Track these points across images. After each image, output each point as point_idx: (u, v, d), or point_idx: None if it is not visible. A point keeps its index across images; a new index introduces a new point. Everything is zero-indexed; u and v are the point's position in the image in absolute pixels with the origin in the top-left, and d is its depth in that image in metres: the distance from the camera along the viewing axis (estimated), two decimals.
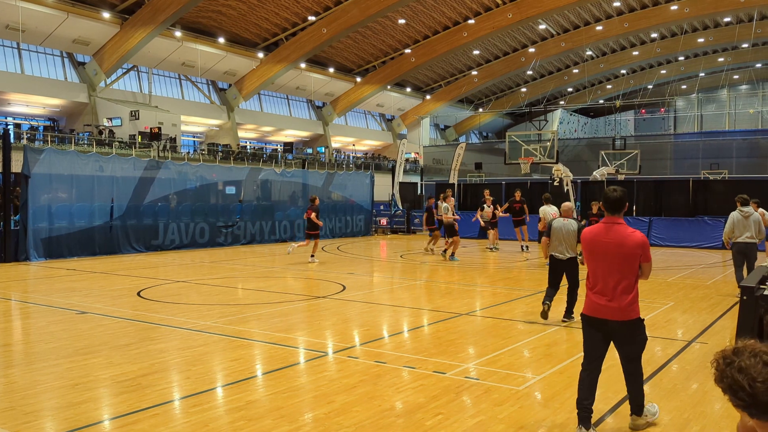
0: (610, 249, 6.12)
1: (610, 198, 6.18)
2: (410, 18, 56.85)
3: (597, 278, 6.23)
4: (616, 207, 6.18)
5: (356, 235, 33.74)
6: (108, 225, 23.21)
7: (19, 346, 9.80)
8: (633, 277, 6.15)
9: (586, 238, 6.33)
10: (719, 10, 55.21)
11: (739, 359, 2.48)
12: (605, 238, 6.15)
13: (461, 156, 39.93)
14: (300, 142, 69.54)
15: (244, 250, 25.46)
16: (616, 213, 6.19)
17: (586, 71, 73.42)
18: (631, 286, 6.16)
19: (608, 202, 6.20)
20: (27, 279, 17.50)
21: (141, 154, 41.15)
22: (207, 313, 12.01)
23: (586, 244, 6.31)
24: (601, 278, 6.20)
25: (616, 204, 6.18)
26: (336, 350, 9.29)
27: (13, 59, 45.93)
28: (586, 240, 6.33)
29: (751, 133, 60.26)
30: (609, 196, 6.19)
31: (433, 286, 16.69)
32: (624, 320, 6.13)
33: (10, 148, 21.17)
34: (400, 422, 6.32)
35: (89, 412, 6.60)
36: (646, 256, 6.15)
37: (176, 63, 53.92)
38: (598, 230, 6.26)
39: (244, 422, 6.25)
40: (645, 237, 6.20)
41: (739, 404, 2.45)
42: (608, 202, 6.20)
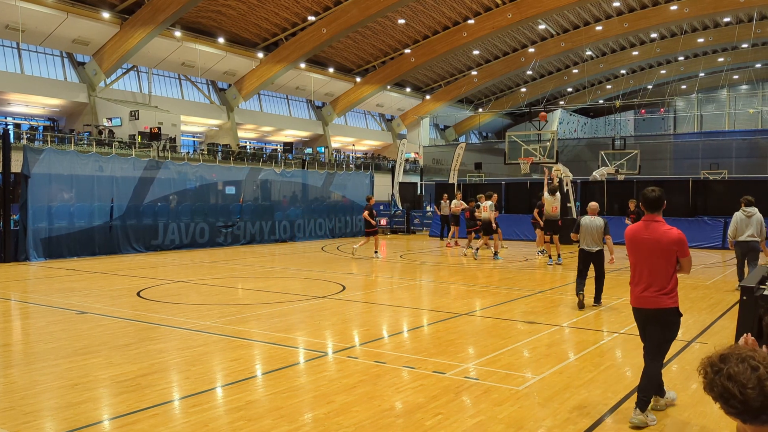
0: (648, 245, 6.59)
1: (649, 197, 6.67)
2: (410, 18, 56.84)
3: (638, 272, 6.71)
4: (655, 205, 6.67)
5: (356, 235, 33.72)
6: (108, 225, 23.22)
7: (19, 346, 9.80)
8: (670, 271, 6.54)
9: (628, 235, 6.80)
10: (719, 10, 55.21)
11: (727, 366, 2.45)
12: (644, 234, 6.63)
13: (461, 156, 39.92)
14: (300, 142, 69.53)
15: (244, 250, 25.47)
16: (655, 211, 6.68)
17: (586, 71, 73.39)
18: (669, 278, 6.54)
19: (647, 201, 6.69)
20: (27, 279, 17.50)
21: (141, 154, 41.16)
22: (207, 313, 12.01)
23: (628, 240, 6.78)
24: (641, 272, 6.66)
25: (654, 203, 6.67)
26: (336, 350, 9.29)
27: (12, 59, 45.93)
28: (628, 237, 6.80)
29: (751, 133, 60.25)
30: (648, 195, 6.67)
31: (432, 286, 16.69)
32: (661, 308, 6.55)
33: (9, 148, 21.17)
34: (400, 422, 6.32)
35: (89, 412, 6.60)
36: (684, 251, 6.54)
37: (176, 63, 53.91)
38: (638, 228, 6.75)
39: (244, 422, 6.25)
40: (682, 234, 6.61)
41: (732, 411, 2.43)
42: (647, 201, 6.69)
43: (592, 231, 12.75)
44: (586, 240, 12.82)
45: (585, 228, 12.83)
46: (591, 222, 12.83)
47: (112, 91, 50.81)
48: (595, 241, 12.75)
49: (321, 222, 32.21)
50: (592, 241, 12.77)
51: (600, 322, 11.69)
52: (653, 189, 6.68)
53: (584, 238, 12.83)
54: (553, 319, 11.63)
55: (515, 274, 18.65)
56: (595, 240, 12.74)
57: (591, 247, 12.78)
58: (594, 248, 12.76)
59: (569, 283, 16.87)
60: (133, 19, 45.80)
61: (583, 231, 12.84)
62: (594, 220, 12.85)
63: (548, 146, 32.48)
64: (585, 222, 12.88)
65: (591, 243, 12.78)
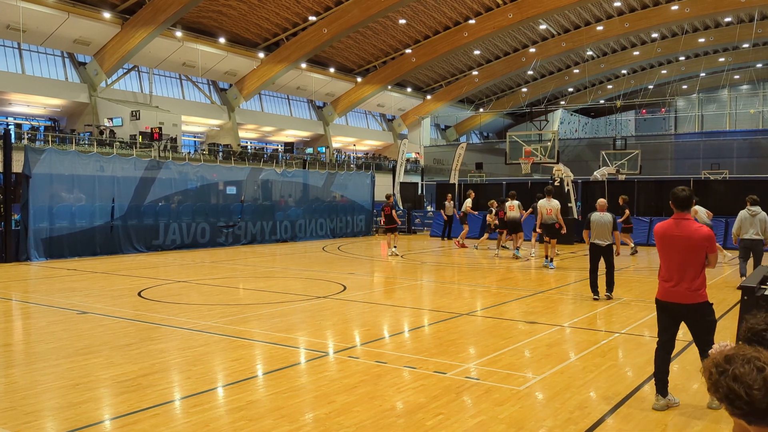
0: (679, 242, 6.87)
1: (679, 197, 6.91)
2: (411, 18, 56.84)
3: (667, 268, 6.99)
4: (685, 204, 6.94)
5: (357, 235, 33.74)
6: (109, 225, 23.22)
7: (20, 346, 9.80)
8: (699, 266, 6.88)
9: (659, 232, 7.06)
10: (720, 10, 55.19)
11: (732, 367, 2.43)
12: (675, 232, 6.90)
13: (462, 156, 39.92)
14: (301, 142, 69.53)
15: (245, 251, 25.47)
16: (685, 210, 6.96)
17: (587, 71, 73.39)
18: (698, 273, 6.88)
19: (677, 200, 6.94)
20: (28, 279, 17.51)
21: (142, 154, 41.16)
22: (208, 313, 12.01)
23: (659, 237, 7.06)
24: (670, 267, 6.95)
25: (684, 202, 6.93)
26: (337, 350, 9.29)
27: (14, 59, 45.95)
28: (658, 234, 7.06)
29: (752, 133, 60.29)
30: (678, 195, 6.92)
31: (433, 286, 16.69)
32: (692, 303, 6.86)
33: (11, 148, 21.17)
34: (401, 422, 6.32)
35: (90, 412, 6.60)
36: (712, 248, 6.91)
37: (177, 63, 53.92)
38: (668, 225, 7.00)
39: (245, 422, 6.25)
40: (711, 231, 7.00)
41: (737, 413, 2.41)
42: (677, 200, 6.94)
43: (602, 226, 13.63)
44: (596, 235, 13.70)
45: (596, 223, 13.73)
46: (601, 218, 13.70)
47: (113, 91, 50.83)
48: (605, 236, 13.64)
49: (322, 222, 32.20)
50: (603, 236, 13.66)
51: (600, 322, 11.70)
52: (683, 188, 6.93)
53: (595, 233, 13.72)
54: (553, 319, 11.63)
55: (516, 274, 18.65)
56: (605, 235, 13.64)
57: (602, 241, 13.67)
58: (604, 242, 13.67)
59: (570, 283, 16.88)
60: (134, 19, 45.82)
61: (593, 226, 13.74)
62: (603, 216, 13.72)
63: (549, 146, 32.49)
64: (595, 218, 13.76)
65: (601, 237, 13.67)
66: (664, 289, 7.00)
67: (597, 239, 13.75)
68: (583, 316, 11.99)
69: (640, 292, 14.95)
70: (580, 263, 21.21)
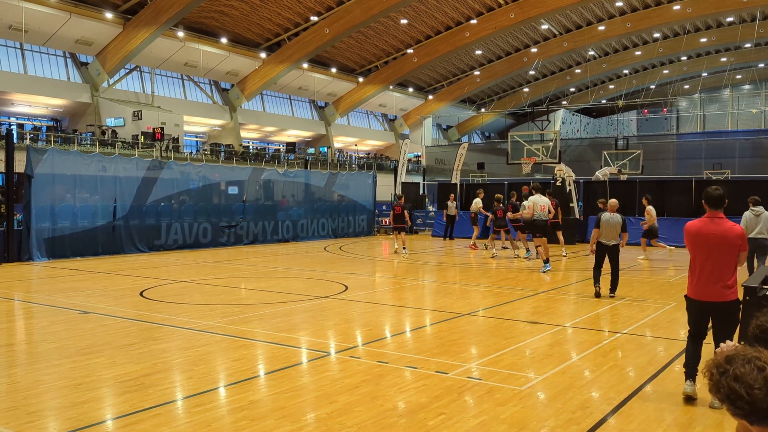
0: (713, 240, 6.92)
1: (713, 195, 6.98)
2: (412, 18, 56.88)
3: (701, 266, 7.01)
4: (718, 203, 6.99)
5: (359, 235, 33.74)
6: (111, 225, 23.22)
7: (22, 346, 9.81)
8: (733, 264, 6.96)
9: (691, 231, 7.09)
10: (722, 10, 55.20)
11: (733, 367, 2.44)
12: (709, 230, 6.96)
13: (463, 156, 39.93)
14: (302, 142, 69.59)
15: (247, 250, 25.47)
16: (718, 208, 7.01)
17: (589, 71, 73.41)
18: (732, 271, 6.96)
19: (711, 199, 6.99)
20: (30, 279, 17.53)
21: (144, 155, 41.20)
22: (209, 313, 12.02)
23: (692, 236, 7.08)
24: (705, 266, 6.99)
25: (718, 200, 6.98)
26: (338, 350, 9.29)
27: (16, 59, 46.03)
28: (691, 232, 7.09)
29: (754, 133, 60.19)
30: (712, 194, 6.98)
31: (435, 286, 16.69)
32: (725, 301, 6.94)
33: (13, 148, 21.18)
34: (403, 422, 6.32)
35: (92, 411, 6.60)
36: (744, 246, 7.01)
37: (179, 63, 54.00)
38: (701, 223, 7.05)
39: (247, 422, 6.25)
40: (743, 229, 7.19)
41: (738, 413, 2.42)
42: (711, 199, 6.99)
43: (611, 227, 13.97)
44: (605, 234, 14.01)
45: (605, 224, 14.01)
46: (611, 218, 13.99)
47: (115, 91, 50.91)
48: (612, 236, 13.98)
49: (324, 222, 32.19)
50: (610, 236, 13.98)
51: (602, 322, 11.69)
52: (716, 188, 7.00)
53: (604, 233, 14.03)
54: (555, 319, 11.63)
55: (517, 274, 18.64)
56: (613, 235, 13.98)
57: (609, 241, 13.98)
58: (611, 242, 13.97)
59: (571, 283, 16.88)
60: (135, 19, 45.89)
61: (603, 226, 14.01)
62: (613, 217, 13.99)
63: (551, 146, 32.48)
64: (605, 218, 14.01)
65: (609, 237, 13.98)
66: (697, 287, 7.06)
67: (604, 239, 14.03)
68: (584, 316, 11.98)
69: (641, 292, 14.95)
70: (581, 263, 21.21)
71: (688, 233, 7.13)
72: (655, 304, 13.23)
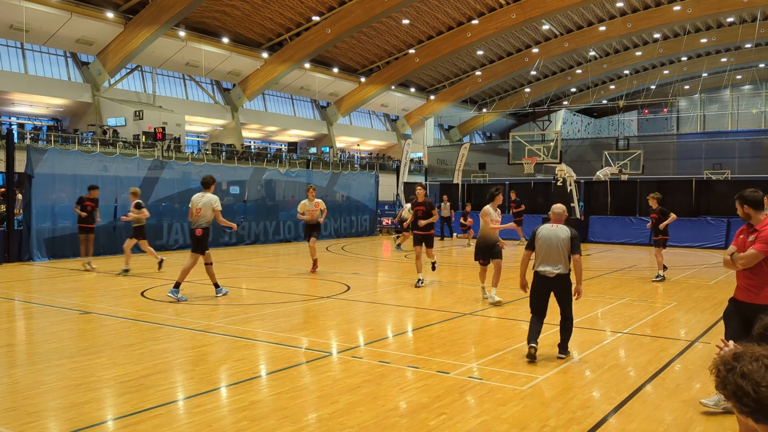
0: None
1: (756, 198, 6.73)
2: (414, 18, 56.89)
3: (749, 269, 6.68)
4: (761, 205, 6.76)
5: (361, 235, 33.72)
6: (112, 225, 23.20)
7: (22, 347, 9.81)
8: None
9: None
10: (722, 10, 55.18)
11: (741, 364, 2.44)
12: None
13: (465, 156, 39.96)
14: (304, 142, 69.62)
15: (249, 250, 25.47)
16: (760, 210, 6.76)
17: (590, 71, 73.40)
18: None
19: (754, 202, 6.73)
20: (30, 279, 17.52)
21: (145, 154, 41.21)
22: (210, 313, 12.02)
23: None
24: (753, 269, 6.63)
25: (760, 203, 6.75)
26: (340, 350, 9.29)
27: (16, 59, 46.05)
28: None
29: (754, 133, 60.15)
30: (755, 197, 6.75)
31: (436, 286, 16.68)
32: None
33: (13, 147, 21.17)
34: (404, 422, 6.32)
35: (92, 412, 6.60)
36: None
37: (180, 63, 54.01)
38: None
39: (248, 422, 6.25)
40: None
41: (744, 410, 2.42)
42: (754, 202, 6.73)
43: (552, 246, 8.82)
44: (543, 258, 8.90)
45: (543, 241, 8.93)
46: (552, 233, 8.93)
47: (116, 90, 50.93)
48: (556, 261, 8.80)
49: (326, 222, 32.08)
50: (551, 261, 8.83)
51: (603, 322, 11.68)
52: (755, 190, 6.84)
53: (541, 256, 8.94)
54: (556, 319, 11.59)
55: (518, 274, 18.60)
56: (557, 258, 8.80)
57: (553, 268, 8.82)
58: (555, 270, 8.80)
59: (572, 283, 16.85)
60: (137, 18, 45.90)
61: (540, 246, 8.97)
62: (556, 231, 8.93)
63: (552, 146, 32.48)
64: (545, 233, 8.99)
65: (551, 263, 8.84)
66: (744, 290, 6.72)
67: (544, 265, 8.86)
68: (585, 316, 11.97)
69: (642, 293, 14.94)
70: (582, 263, 21.20)
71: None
72: (656, 304, 13.22)
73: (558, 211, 9.24)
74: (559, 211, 9.24)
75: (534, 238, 9.07)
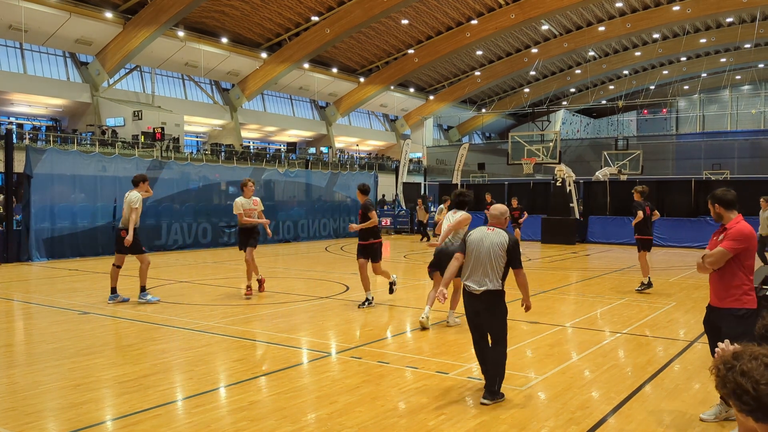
0: None
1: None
2: (413, 18, 56.90)
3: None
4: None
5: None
6: (111, 225, 23.18)
7: (21, 347, 9.80)
8: None
9: (754, 236, 6.54)
10: (721, 10, 55.20)
11: (740, 363, 2.45)
12: None
13: (464, 156, 39.96)
14: (303, 142, 69.62)
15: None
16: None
17: (589, 72, 73.44)
18: None
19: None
20: (29, 279, 17.51)
21: (144, 155, 41.20)
22: (209, 313, 12.01)
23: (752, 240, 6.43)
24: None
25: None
26: (339, 351, 9.29)
27: (15, 59, 46.04)
28: (753, 238, 6.47)
29: (753, 134, 60.23)
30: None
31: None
32: None
33: (12, 148, 21.16)
34: (403, 423, 6.31)
35: (91, 412, 6.60)
36: None
37: (179, 63, 54.01)
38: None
39: (247, 423, 6.25)
40: None
41: (744, 409, 2.42)
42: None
43: (482, 255, 7.06)
44: (470, 271, 7.15)
45: (473, 248, 7.17)
46: (486, 238, 7.15)
47: (115, 91, 50.93)
48: (482, 274, 7.06)
49: (325, 222, 32.18)
50: (481, 274, 7.07)
51: (602, 322, 11.68)
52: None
53: (469, 268, 7.19)
54: (556, 319, 11.62)
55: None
56: (484, 271, 7.05)
57: (477, 284, 7.08)
58: (480, 287, 7.04)
59: (572, 283, 16.87)
60: (136, 19, 45.89)
61: (468, 254, 7.22)
62: (491, 236, 7.13)
63: (551, 146, 32.49)
64: (474, 238, 7.23)
65: (479, 276, 7.08)
66: (754, 297, 6.43)
67: (470, 279, 7.11)
68: (584, 316, 11.97)
69: (641, 293, 14.94)
70: (582, 263, 21.21)
71: (751, 240, 6.45)
72: (654, 304, 13.22)
73: (495, 213, 7.37)
74: (496, 213, 7.36)
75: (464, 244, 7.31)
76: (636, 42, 69.52)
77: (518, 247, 7.16)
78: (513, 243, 7.07)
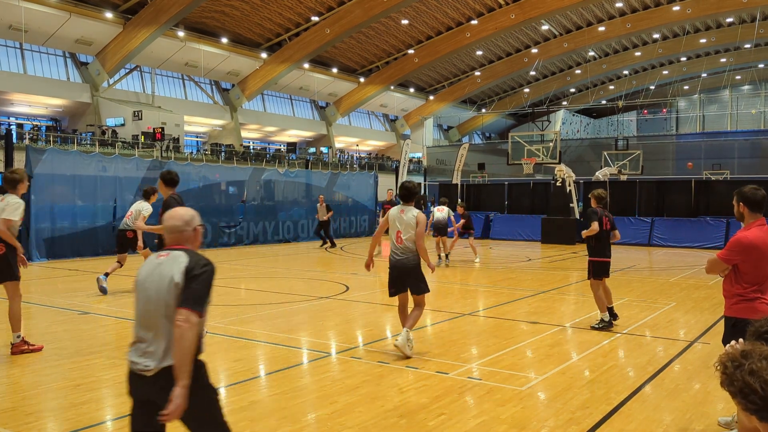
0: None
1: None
2: (413, 18, 56.88)
3: (761, 281, 5.87)
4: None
5: (360, 235, 33.71)
6: (111, 225, 23.19)
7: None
8: None
9: (755, 243, 5.81)
10: (721, 10, 55.17)
11: (749, 362, 2.45)
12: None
13: (464, 156, 39.95)
14: (303, 142, 69.60)
15: (248, 251, 25.45)
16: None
17: (589, 72, 73.41)
18: None
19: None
20: (29, 279, 17.48)
21: (144, 155, 41.16)
22: (210, 313, 11.98)
23: (754, 249, 5.80)
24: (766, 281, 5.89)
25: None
26: (339, 351, 9.29)
27: (15, 59, 46.03)
28: (752, 245, 5.80)
29: (753, 134, 60.16)
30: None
31: (435, 286, 16.67)
32: None
33: (12, 148, 21.16)
34: (403, 423, 6.31)
35: (91, 412, 6.60)
36: None
37: (179, 63, 54.00)
38: (760, 234, 5.84)
39: (247, 422, 6.25)
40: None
41: (750, 408, 2.42)
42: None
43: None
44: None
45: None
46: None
47: (115, 91, 50.92)
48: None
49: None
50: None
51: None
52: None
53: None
54: (556, 319, 11.62)
55: (518, 275, 18.63)
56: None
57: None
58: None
59: (572, 283, 16.86)
60: (136, 19, 45.88)
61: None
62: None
63: (551, 147, 32.49)
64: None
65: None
66: (752, 306, 5.76)
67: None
68: (584, 316, 11.97)
69: (641, 293, 14.94)
70: (582, 263, 21.18)
71: (748, 246, 5.81)
72: (654, 305, 13.22)
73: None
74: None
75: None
76: (636, 42, 69.49)
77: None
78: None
